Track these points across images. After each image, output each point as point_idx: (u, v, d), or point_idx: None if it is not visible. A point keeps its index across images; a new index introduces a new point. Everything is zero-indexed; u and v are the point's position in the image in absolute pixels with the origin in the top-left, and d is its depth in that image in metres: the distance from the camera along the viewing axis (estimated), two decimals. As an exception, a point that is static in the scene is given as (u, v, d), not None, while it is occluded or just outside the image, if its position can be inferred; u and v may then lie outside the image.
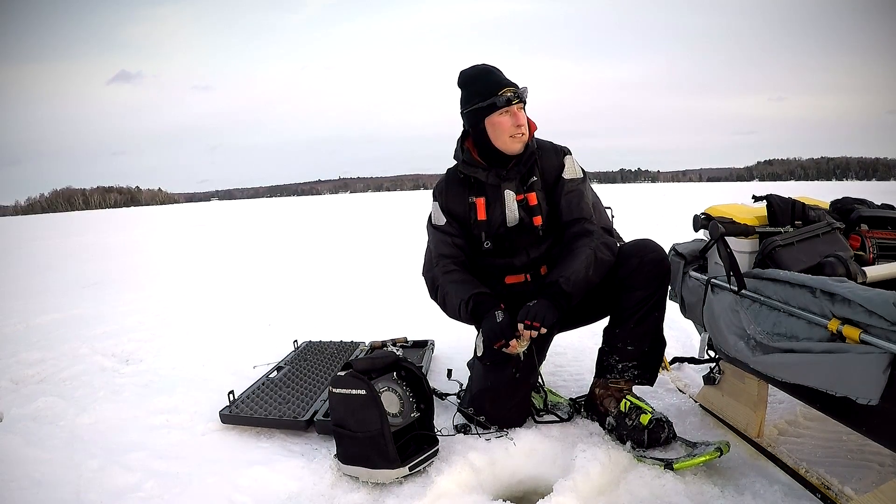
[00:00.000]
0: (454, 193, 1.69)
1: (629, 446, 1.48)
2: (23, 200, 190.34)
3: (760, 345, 1.30)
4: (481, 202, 1.64)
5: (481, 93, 1.56)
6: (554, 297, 1.48)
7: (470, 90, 1.60)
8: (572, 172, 1.65)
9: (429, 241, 1.78)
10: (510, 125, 1.55)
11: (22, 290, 4.97)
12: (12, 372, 2.47)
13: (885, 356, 0.99)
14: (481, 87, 1.56)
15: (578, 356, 2.33)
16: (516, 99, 1.55)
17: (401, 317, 3.20)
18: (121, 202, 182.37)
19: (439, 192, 1.72)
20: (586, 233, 1.58)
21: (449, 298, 1.64)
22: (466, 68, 1.63)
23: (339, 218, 15.77)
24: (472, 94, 1.59)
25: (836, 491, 1.26)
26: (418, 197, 36.13)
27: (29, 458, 1.62)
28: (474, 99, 1.57)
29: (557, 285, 1.49)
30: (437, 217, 1.72)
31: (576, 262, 1.51)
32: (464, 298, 1.57)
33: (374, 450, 1.39)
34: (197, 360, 2.56)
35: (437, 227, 1.71)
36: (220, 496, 1.41)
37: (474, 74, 1.60)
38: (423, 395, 1.56)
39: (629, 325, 1.57)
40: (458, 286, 1.61)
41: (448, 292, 1.64)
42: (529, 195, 1.62)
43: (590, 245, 1.54)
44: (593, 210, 1.64)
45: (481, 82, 1.57)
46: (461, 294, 1.59)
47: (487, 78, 1.58)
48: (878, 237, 1.60)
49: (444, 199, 1.70)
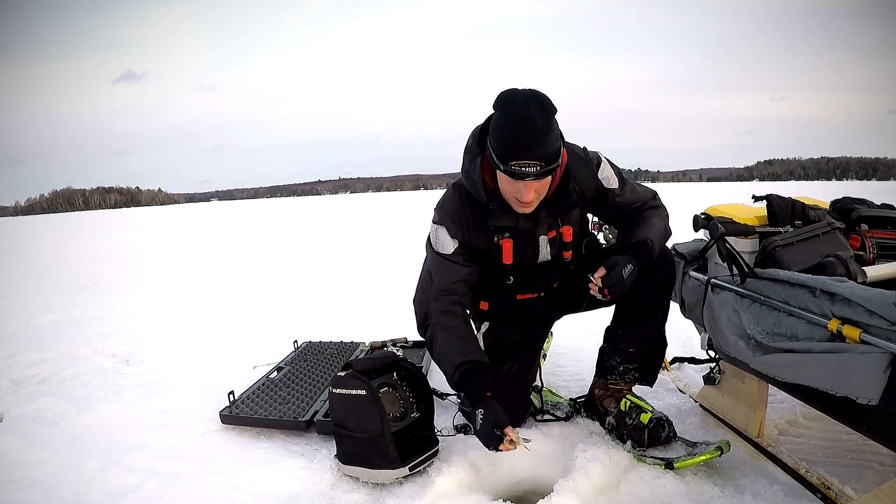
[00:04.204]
0: (475, 228, 1.47)
1: (629, 445, 1.48)
2: (23, 201, 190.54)
3: (761, 345, 1.30)
4: (509, 246, 1.47)
5: (501, 152, 1.28)
6: (639, 258, 1.40)
7: (495, 135, 1.30)
8: (613, 181, 1.49)
9: (427, 265, 1.58)
10: (513, 195, 1.35)
11: (22, 291, 4.97)
12: (12, 372, 2.47)
13: (885, 356, 0.99)
14: (505, 145, 1.28)
15: (578, 356, 2.33)
16: (532, 177, 1.28)
17: (401, 317, 3.20)
18: (121, 202, 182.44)
19: (451, 219, 1.48)
20: (654, 206, 1.54)
21: (437, 349, 1.48)
22: (508, 102, 1.29)
23: (339, 218, 15.76)
24: (495, 139, 1.30)
25: (837, 491, 1.26)
26: (418, 197, 36.10)
27: (29, 458, 1.62)
28: (494, 145, 1.31)
29: (647, 246, 1.42)
30: (443, 243, 1.49)
31: (656, 228, 1.48)
32: (454, 363, 1.42)
33: (374, 450, 1.39)
34: (197, 360, 2.56)
35: (443, 255, 1.49)
36: (221, 496, 1.41)
37: (507, 125, 1.28)
38: (423, 395, 1.56)
39: (633, 327, 1.56)
40: (451, 342, 1.45)
41: (439, 343, 1.47)
42: (565, 230, 1.48)
43: (660, 216, 1.53)
44: (635, 184, 1.55)
45: (507, 141, 1.28)
46: (452, 356, 1.43)
47: (515, 141, 1.27)
48: (878, 237, 1.60)
49: (463, 233, 1.47)
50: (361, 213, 18.14)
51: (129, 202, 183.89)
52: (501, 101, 1.31)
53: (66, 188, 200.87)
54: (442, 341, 1.46)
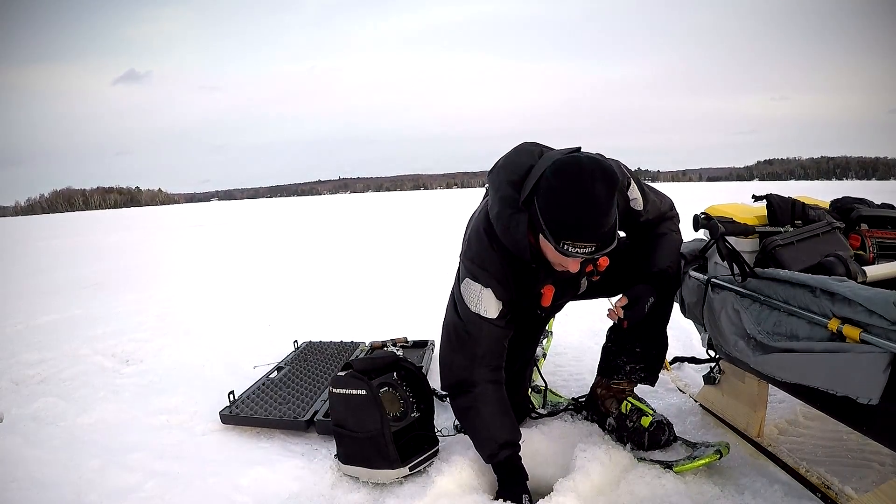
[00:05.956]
0: (520, 286, 1.39)
1: (629, 448, 1.48)
2: (23, 201, 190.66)
3: (761, 344, 1.30)
4: (549, 292, 1.40)
5: (554, 230, 1.18)
6: (659, 288, 1.41)
7: (551, 208, 1.19)
8: (639, 202, 1.44)
9: (461, 323, 1.43)
10: (558, 264, 1.28)
11: (22, 291, 4.97)
12: (13, 372, 2.47)
13: (885, 355, 0.99)
14: (560, 223, 1.17)
15: (579, 356, 2.33)
16: (583, 258, 1.22)
17: (401, 317, 3.20)
18: (121, 202, 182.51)
19: (497, 281, 1.36)
20: (669, 218, 1.53)
21: (478, 421, 1.41)
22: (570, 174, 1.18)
23: (339, 218, 15.77)
24: (549, 212, 1.19)
25: (837, 490, 1.26)
26: (418, 197, 36.10)
27: (29, 458, 1.62)
28: (548, 218, 1.19)
29: (668, 276, 1.44)
30: (486, 306, 1.37)
31: (673, 250, 1.48)
32: (498, 441, 1.39)
33: (375, 450, 1.39)
34: (197, 360, 2.56)
35: (486, 318, 1.38)
36: (221, 496, 1.41)
37: (566, 202, 1.17)
38: (423, 395, 1.56)
39: (640, 327, 1.54)
40: (496, 417, 1.40)
41: (482, 416, 1.41)
42: (601, 260, 1.37)
43: (676, 227, 1.52)
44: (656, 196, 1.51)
45: (564, 220, 1.17)
46: (495, 432, 1.39)
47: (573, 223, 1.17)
48: (878, 236, 1.60)
49: (510, 293, 1.38)
50: (361, 213, 18.14)
51: (129, 202, 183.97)
52: (563, 170, 1.18)
53: (66, 188, 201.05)
54: (487, 415, 1.40)
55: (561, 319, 2.69)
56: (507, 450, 1.38)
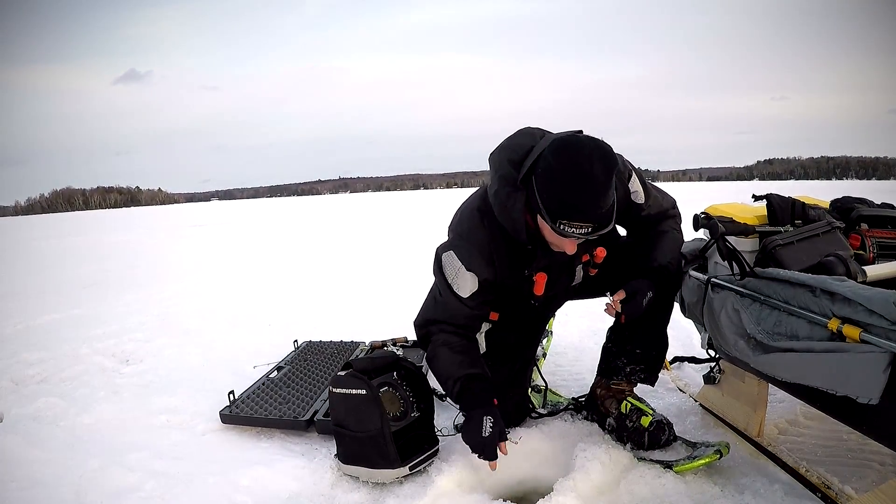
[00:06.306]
0: (507, 266, 1.37)
1: (629, 448, 1.48)
2: (23, 201, 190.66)
3: (761, 344, 1.30)
4: (542, 280, 1.39)
5: (552, 208, 1.18)
6: (658, 283, 1.40)
7: (548, 187, 1.18)
8: (640, 195, 1.44)
9: (435, 295, 1.47)
10: (555, 243, 1.28)
11: (22, 290, 4.97)
12: (13, 372, 2.47)
13: (885, 355, 0.99)
14: (558, 203, 1.17)
15: (578, 356, 2.33)
16: (580, 238, 1.21)
17: (401, 317, 3.20)
18: (120, 202, 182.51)
19: (479, 254, 1.35)
20: (671, 216, 1.53)
21: (438, 364, 1.44)
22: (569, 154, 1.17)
23: (339, 218, 15.76)
24: (547, 191, 1.19)
25: (837, 490, 1.26)
26: (418, 197, 36.10)
27: (29, 458, 1.62)
28: (545, 197, 1.19)
29: (668, 272, 1.43)
30: (461, 284, 1.37)
31: (674, 247, 1.48)
32: (453, 376, 1.40)
33: (375, 449, 1.39)
34: (197, 360, 2.56)
35: (460, 297, 1.38)
36: (221, 496, 1.41)
37: (564, 181, 1.16)
38: (423, 395, 1.56)
39: (640, 328, 1.54)
40: (450, 356, 1.42)
41: (440, 360, 1.43)
42: (598, 251, 1.39)
43: (677, 225, 1.52)
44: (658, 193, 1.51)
45: (561, 199, 1.17)
46: (451, 369, 1.41)
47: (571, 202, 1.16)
48: (878, 236, 1.60)
49: (493, 271, 1.36)
50: (361, 213, 18.14)
51: (129, 202, 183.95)
52: (562, 149, 1.18)
53: (66, 188, 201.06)
54: (444, 357, 1.42)
55: (561, 319, 2.69)
56: (462, 382, 1.39)
